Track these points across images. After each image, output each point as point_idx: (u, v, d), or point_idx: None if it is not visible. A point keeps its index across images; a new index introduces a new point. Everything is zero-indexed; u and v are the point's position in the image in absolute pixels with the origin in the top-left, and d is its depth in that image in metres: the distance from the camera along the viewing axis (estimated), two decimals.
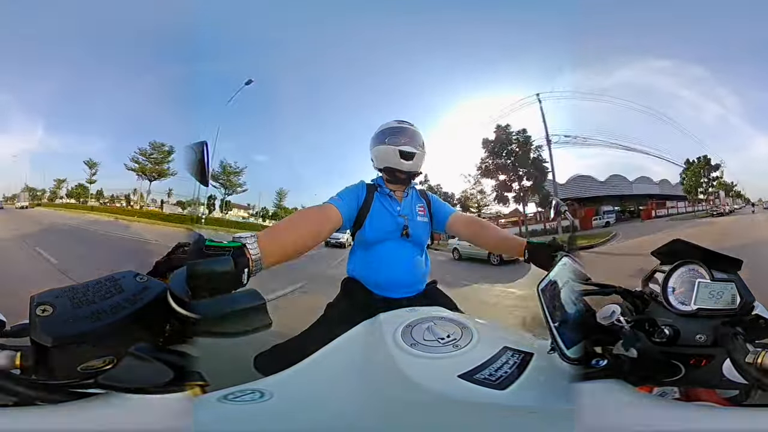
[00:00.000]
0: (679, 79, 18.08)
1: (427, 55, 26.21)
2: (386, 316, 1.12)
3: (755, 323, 0.80)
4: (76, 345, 0.63)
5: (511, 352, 0.86)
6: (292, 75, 27.01)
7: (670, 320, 0.87)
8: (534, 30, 18.03)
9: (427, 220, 1.57)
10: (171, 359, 0.66)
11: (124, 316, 0.68)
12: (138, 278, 0.78)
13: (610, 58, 14.52)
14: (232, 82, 21.15)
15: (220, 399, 0.69)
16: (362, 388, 0.81)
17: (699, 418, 0.68)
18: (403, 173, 1.53)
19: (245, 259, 0.83)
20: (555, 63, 13.54)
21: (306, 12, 18.88)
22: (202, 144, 0.92)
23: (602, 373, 0.77)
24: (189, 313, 0.66)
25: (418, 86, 29.76)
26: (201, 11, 10.44)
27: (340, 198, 1.41)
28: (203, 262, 0.72)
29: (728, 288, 0.84)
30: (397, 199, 1.54)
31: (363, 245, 1.51)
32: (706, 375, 0.82)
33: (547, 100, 17.14)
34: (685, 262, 0.94)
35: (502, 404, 0.71)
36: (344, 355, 0.95)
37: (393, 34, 21.57)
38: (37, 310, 0.65)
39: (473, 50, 24.19)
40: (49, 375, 0.63)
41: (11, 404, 0.64)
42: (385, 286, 1.46)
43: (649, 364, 0.85)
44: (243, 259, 0.82)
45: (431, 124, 16.82)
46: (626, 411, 0.69)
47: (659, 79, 15.70)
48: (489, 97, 15.94)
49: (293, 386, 0.81)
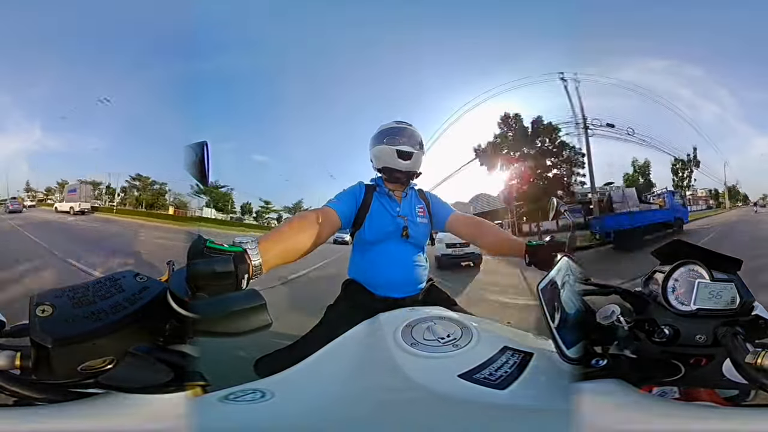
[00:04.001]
0: (678, 78, 17.98)
1: (428, 56, 26.22)
2: (386, 316, 1.12)
3: (755, 323, 0.80)
4: (76, 345, 0.63)
5: (511, 351, 0.86)
6: (292, 74, 27.02)
7: (670, 320, 0.87)
8: (533, 32, 18.02)
9: (427, 221, 1.58)
10: (171, 359, 0.66)
11: (124, 316, 0.68)
12: (138, 278, 0.78)
13: (608, 59, 14.40)
14: (233, 80, 21.19)
15: (221, 399, 0.69)
16: (363, 387, 0.81)
17: (699, 418, 0.68)
18: (401, 173, 1.54)
19: (246, 266, 0.84)
20: (555, 65, 13.34)
21: (308, 11, 18.87)
22: (202, 144, 0.92)
23: (602, 373, 0.77)
24: (189, 313, 0.66)
25: (418, 87, 29.79)
26: (202, 9, 10.43)
27: (338, 200, 1.42)
28: (203, 262, 0.72)
29: (728, 288, 0.84)
30: (396, 200, 1.54)
31: (363, 246, 1.51)
32: (706, 375, 0.82)
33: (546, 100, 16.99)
34: (685, 262, 0.94)
35: (502, 404, 0.71)
36: (345, 354, 0.95)
37: (395, 34, 21.56)
38: (37, 310, 0.65)
39: (474, 52, 24.18)
40: (49, 375, 0.62)
41: (11, 404, 0.64)
42: (385, 286, 1.46)
43: (649, 364, 0.86)
44: (244, 266, 0.83)
45: (432, 125, 16.71)
46: (626, 411, 0.69)
47: (657, 80, 15.56)
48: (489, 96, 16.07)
49: (294, 386, 0.81)
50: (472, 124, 17.49)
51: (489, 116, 16.86)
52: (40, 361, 0.62)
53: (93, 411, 0.62)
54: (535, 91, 15.34)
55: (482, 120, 17.18)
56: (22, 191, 16.65)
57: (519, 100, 16.24)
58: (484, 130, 16.95)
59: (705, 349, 0.82)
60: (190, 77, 9.30)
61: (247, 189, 20.59)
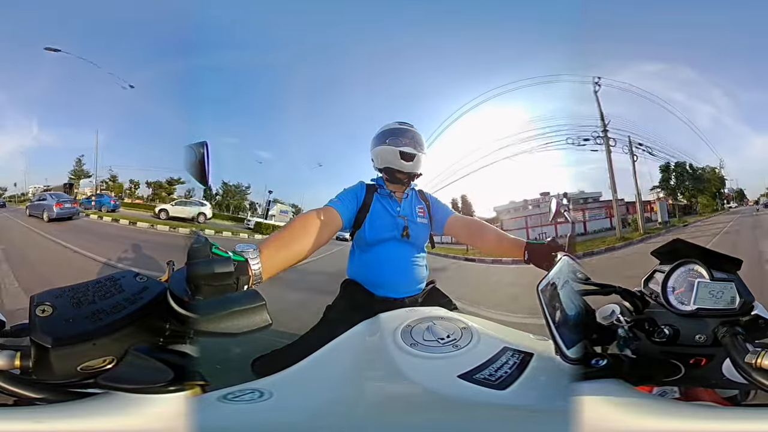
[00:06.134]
0: (672, 82, 17.86)
1: (431, 57, 26.23)
2: (386, 317, 1.12)
3: (755, 323, 0.80)
4: (76, 345, 0.63)
5: (511, 352, 0.86)
6: (292, 74, 27.05)
7: (669, 320, 0.88)
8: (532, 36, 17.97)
9: (427, 222, 1.58)
10: (171, 359, 0.66)
11: (124, 316, 0.68)
12: (138, 278, 0.78)
13: (606, 63, 14.32)
14: (233, 79, 21.18)
15: (220, 399, 0.69)
16: (362, 388, 0.81)
17: (699, 418, 0.68)
18: (403, 174, 1.54)
19: (247, 278, 0.85)
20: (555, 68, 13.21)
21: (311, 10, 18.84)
22: (203, 144, 0.92)
23: (602, 373, 0.77)
24: (189, 313, 0.66)
25: (419, 88, 29.78)
26: (203, 6, 10.40)
27: (340, 200, 1.42)
28: (203, 262, 0.73)
29: (728, 288, 0.84)
30: (397, 200, 1.55)
31: (362, 246, 1.51)
32: (706, 375, 0.82)
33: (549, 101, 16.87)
34: (684, 261, 0.94)
35: (502, 404, 0.71)
36: (344, 355, 0.95)
37: (397, 35, 21.58)
38: (37, 310, 0.65)
39: (475, 54, 24.19)
40: (49, 375, 0.63)
41: (11, 404, 0.64)
42: (385, 286, 1.46)
43: (648, 364, 0.86)
44: (245, 277, 0.84)
45: (433, 127, 16.70)
46: (626, 411, 0.68)
47: (652, 83, 15.41)
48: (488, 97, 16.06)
49: (292, 386, 0.81)
50: (471, 125, 17.43)
51: (489, 117, 16.86)
52: (40, 361, 0.63)
53: (93, 411, 0.62)
54: (534, 92, 15.31)
55: (482, 120, 17.14)
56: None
57: (519, 101, 16.19)
58: (484, 131, 16.92)
59: (705, 349, 0.82)
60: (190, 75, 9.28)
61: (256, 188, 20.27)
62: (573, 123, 12.89)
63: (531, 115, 15.53)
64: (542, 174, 15.18)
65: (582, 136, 12.61)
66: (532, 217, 14.49)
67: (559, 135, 13.21)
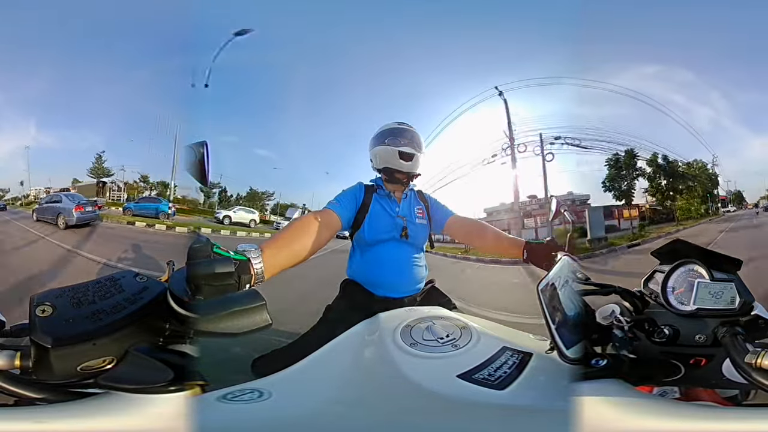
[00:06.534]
0: (670, 84, 17.79)
1: (431, 57, 26.18)
2: (386, 316, 1.12)
3: (755, 323, 0.80)
4: (76, 345, 0.63)
5: (511, 351, 0.86)
6: (292, 74, 27.00)
7: (669, 320, 0.87)
8: (532, 36, 17.91)
9: (426, 222, 1.58)
10: (171, 359, 0.66)
11: (124, 316, 0.68)
12: (138, 278, 0.78)
13: (606, 66, 14.23)
14: (233, 78, 21.15)
15: (219, 399, 0.69)
16: (361, 387, 0.81)
17: (699, 418, 0.68)
18: (402, 174, 1.54)
19: (249, 277, 0.85)
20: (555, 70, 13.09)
21: (311, 10, 18.79)
22: (203, 144, 0.92)
23: (602, 373, 0.77)
24: (189, 313, 0.66)
25: (419, 88, 29.72)
26: (202, 4, 10.36)
27: (338, 202, 1.43)
28: (204, 262, 0.73)
29: (728, 288, 0.84)
30: (396, 200, 1.55)
31: (362, 246, 1.51)
32: (706, 375, 0.82)
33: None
34: (684, 262, 0.94)
35: (502, 404, 0.71)
36: (343, 354, 0.95)
37: (397, 35, 21.53)
38: (37, 311, 0.65)
39: (475, 54, 24.12)
40: (49, 375, 0.63)
41: (11, 404, 0.64)
42: (384, 286, 1.47)
43: (648, 364, 0.86)
44: (247, 276, 0.84)
45: (433, 127, 16.66)
46: (626, 411, 0.68)
47: (651, 85, 15.29)
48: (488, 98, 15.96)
49: (292, 386, 0.81)
50: (471, 126, 17.39)
51: (488, 117, 16.81)
52: (40, 361, 0.63)
53: (93, 411, 0.62)
54: (534, 94, 15.24)
55: (482, 121, 17.11)
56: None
57: (520, 102, 16.17)
58: (483, 132, 16.88)
59: (705, 349, 0.82)
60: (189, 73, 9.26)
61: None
62: (570, 125, 12.88)
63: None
64: (530, 176, 15.06)
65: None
66: (515, 219, 14.28)
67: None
